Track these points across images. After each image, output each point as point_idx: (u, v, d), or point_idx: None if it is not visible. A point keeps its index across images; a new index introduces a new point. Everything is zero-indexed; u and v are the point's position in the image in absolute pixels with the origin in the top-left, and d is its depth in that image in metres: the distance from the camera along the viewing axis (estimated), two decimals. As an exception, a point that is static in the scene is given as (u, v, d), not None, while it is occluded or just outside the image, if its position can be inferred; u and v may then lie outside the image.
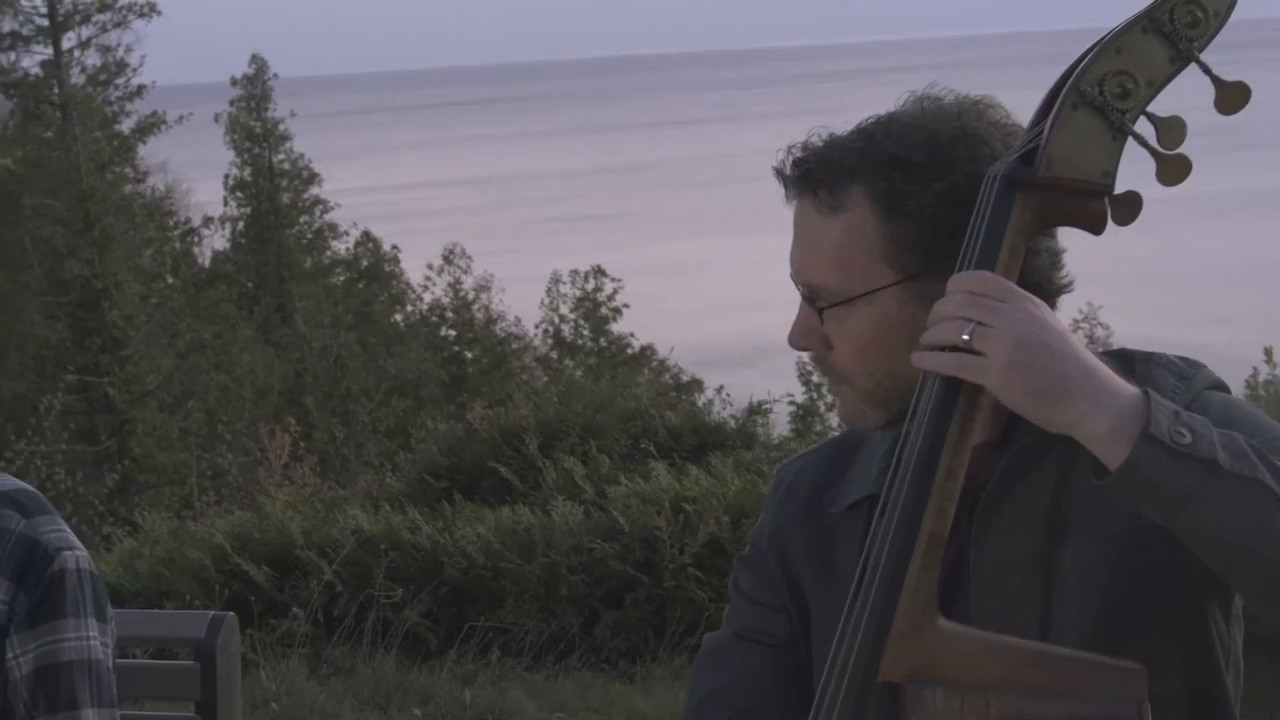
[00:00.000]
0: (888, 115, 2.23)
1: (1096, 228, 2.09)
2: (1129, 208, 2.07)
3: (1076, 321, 31.83)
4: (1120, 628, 2.13)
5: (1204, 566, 2.00)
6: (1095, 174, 2.04)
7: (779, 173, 2.24)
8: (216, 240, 42.93)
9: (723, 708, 2.40)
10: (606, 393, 12.01)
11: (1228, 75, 2.02)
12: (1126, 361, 2.19)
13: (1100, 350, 2.16)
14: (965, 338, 1.98)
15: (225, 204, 43.40)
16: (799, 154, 2.23)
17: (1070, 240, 2.24)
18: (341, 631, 9.03)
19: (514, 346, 41.04)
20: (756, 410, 12.56)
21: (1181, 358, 2.25)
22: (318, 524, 9.81)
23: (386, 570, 9.13)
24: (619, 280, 41.96)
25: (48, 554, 3.00)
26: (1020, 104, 2.23)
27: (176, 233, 40.94)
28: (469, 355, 41.12)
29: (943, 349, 2.02)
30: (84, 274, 32.94)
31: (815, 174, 2.21)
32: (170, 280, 36.88)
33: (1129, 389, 1.99)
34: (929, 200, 2.15)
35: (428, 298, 43.76)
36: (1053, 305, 2.13)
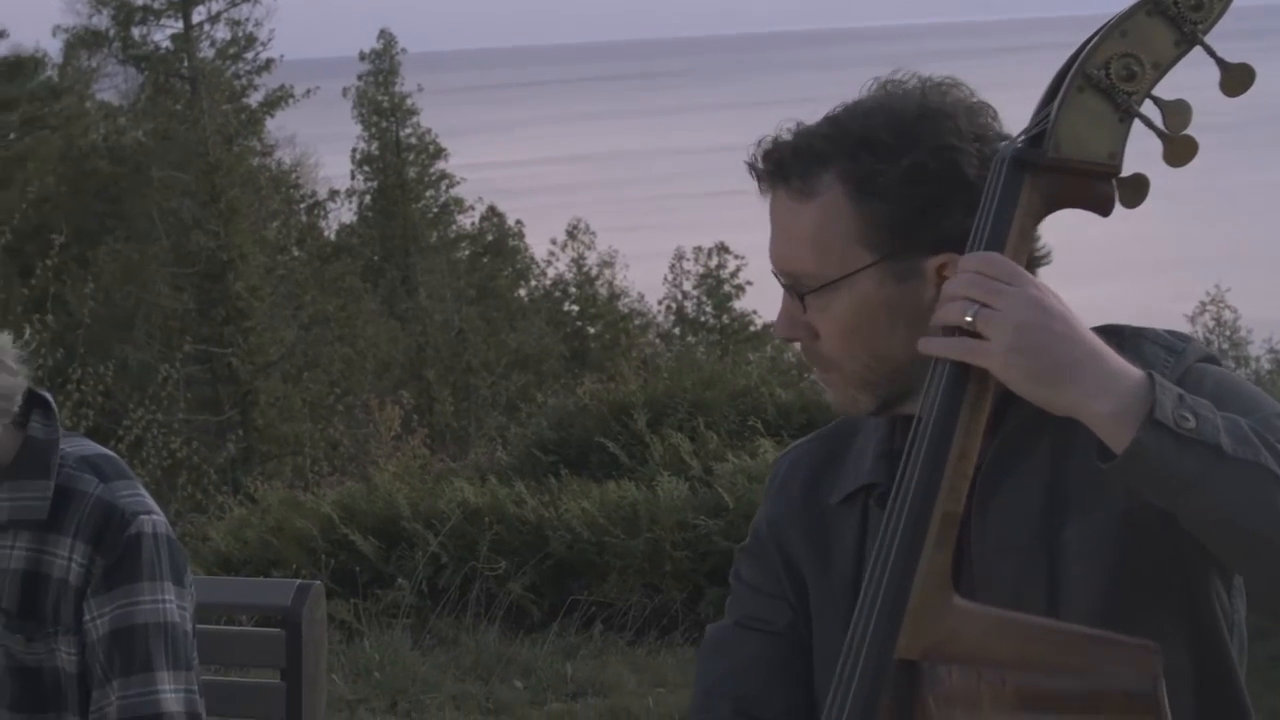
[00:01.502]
0: (853, 101, 2.25)
1: (1104, 209, 2.09)
2: (1136, 190, 2.08)
3: (1204, 304, 31.52)
4: (1127, 604, 2.12)
5: None
6: (1102, 155, 2.05)
7: (751, 167, 2.26)
8: (343, 214, 43.24)
9: (727, 696, 2.41)
10: (716, 370, 12.00)
11: (1233, 58, 2.03)
12: (1116, 336, 2.16)
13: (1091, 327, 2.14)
14: (969, 319, 1.98)
15: (352, 178, 43.63)
16: (769, 146, 2.25)
17: (1203, 222, 2.23)
18: (445, 603, 9.07)
19: (636, 322, 41.06)
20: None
21: (1170, 331, 2.25)
22: (424, 496, 9.87)
23: (491, 543, 9.16)
24: (742, 257, 41.89)
25: (124, 518, 3.03)
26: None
27: (302, 206, 41.23)
28: (591, 331, 41.20)
29: (951, 332, 2.02)
30: (210, 245, 33.28)
31: (786, 164, 2.22)
32: (296, 253, 37.15)
33: (1134, 372, 1.98)
34: (897, 177, 2.15)
35: (551, 273, 43.90)
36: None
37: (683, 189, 76.00)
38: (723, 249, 42.44)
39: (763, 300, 40.64)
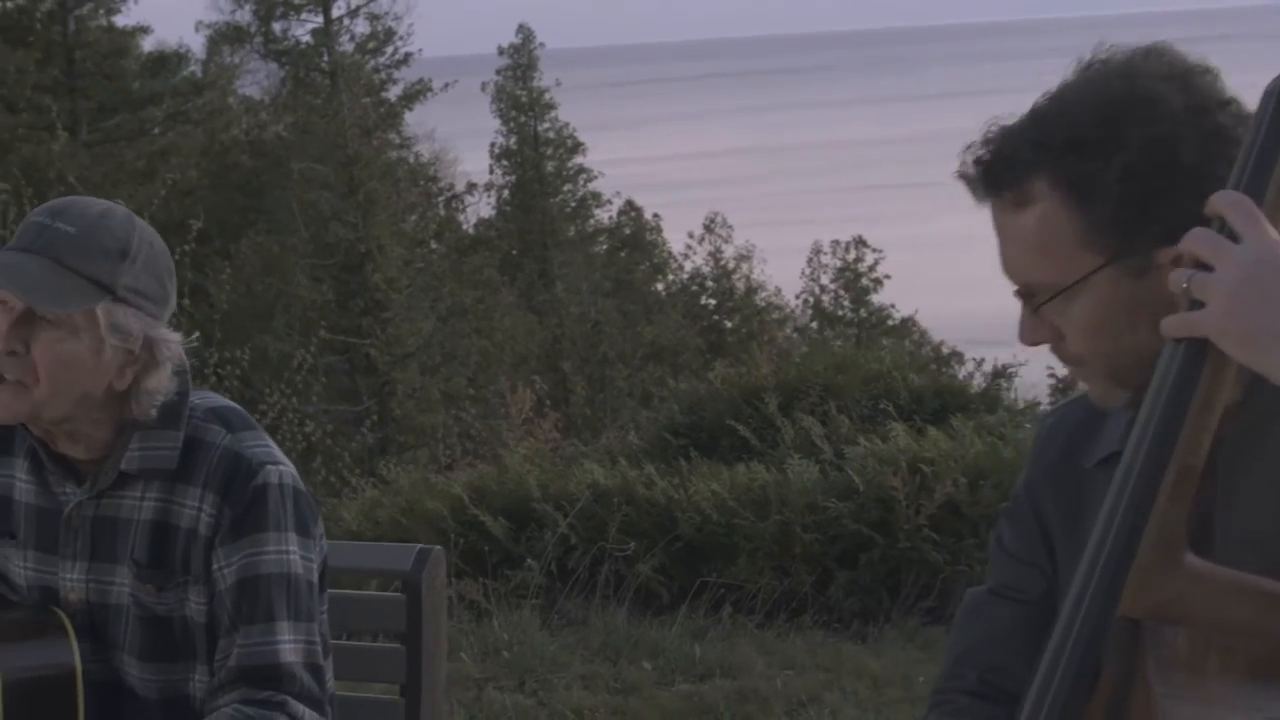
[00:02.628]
0: (1057, 91, 2.16)
1: None
2: None
3: None
4: None
5: None
6: None
7: (963, 176, 2.19)
8: (482, 208, 43.50)
9: (975, 665, 2.39)
10: (849, 355, 11.94)
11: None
12: None
13: None
14: (1184, 286, 1.88)
15: (491, 172, 43.92)
16: (978, 153, 2.17)
17: None
18: (574, 584, 9.08)
19: (774, 316, 41.01)
20: (1001, 374, 12.38)
21: None
22: (554, 477, 9.89)
23: (621, 524, 9.16)
24: (880, 251, 41.74)
25: (251, 468, 3.04)
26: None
27: (441, 199, 41.50)
28: (728, 325, 41.19)
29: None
30: (348, 237, 33.57)
31: (996, 173, 2.15)
32: (434, 246, 37.41)
33: None
34: (1111, 177, 2.08)
35: (688, 266, 43.95)
36: None
37: (820, 184, 75.87)
38: (860, 243, 42.33)
39: (900, 294, 40.48)
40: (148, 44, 39.68)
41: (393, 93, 39.75)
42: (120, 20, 39.00)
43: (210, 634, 3.07)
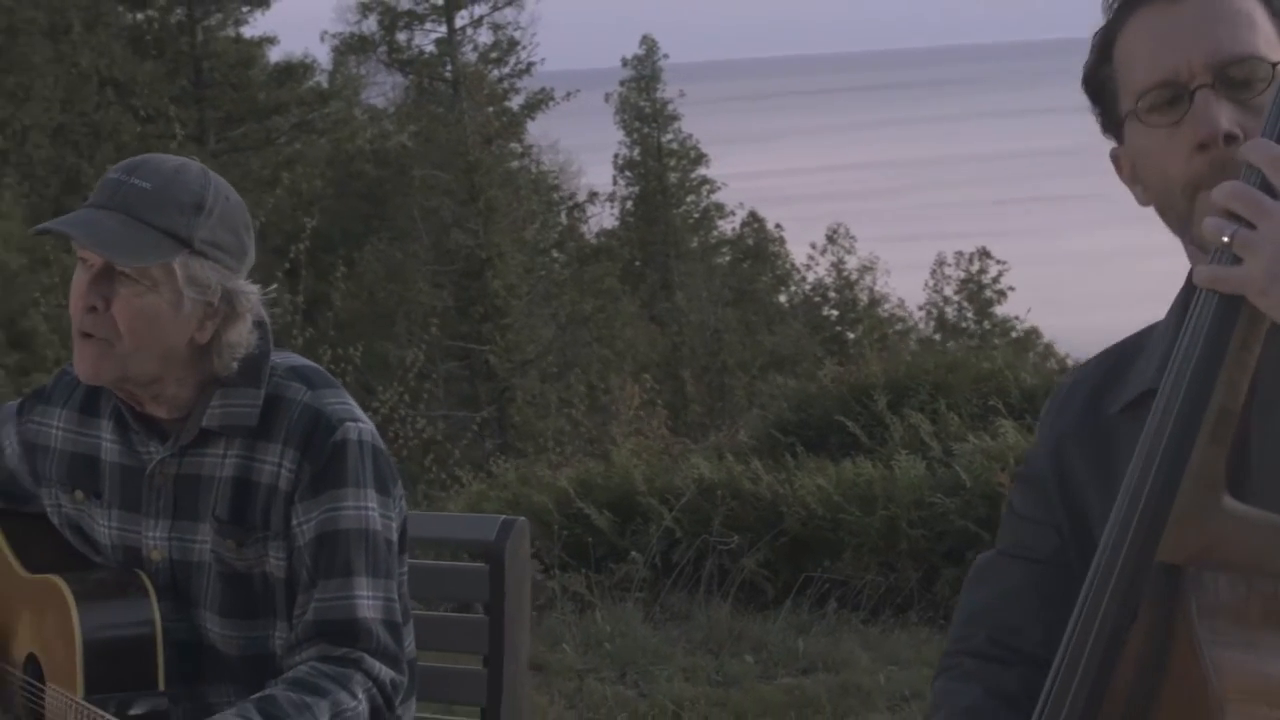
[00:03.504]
0: None
1: None
2: None
3: None
4: None
5: None
6: None
7: None
8: (605, 219, 43.61)
9: (984, 625, 2.34)
10: (960, 354, 11.85)
11: None
12: None
13: None
14: (1225, 240, 1.83)
15: (614, 183, 44.02)
16: None
17: None
18: (678, 577, 9.06)
19: (897, 328, 40.80)
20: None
21: None
22: (660, 471, 9.88)
23: (725, 518, 9.13)
24: (1004, 263, 41.43)
25: (330, 424, 3.04)
26: None
27: (563, 208, 41.64)
28: (850, 336, 41.03)
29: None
30: (469, 244, 33.77)
31: None
32: (556, 255, 37.55)
33: None
34: None
35: (810, 277, 43.81)
36: None
37: (943, 198, 75.37)
38: (984, 254, 42.04)
39: (1024, 305, 40.13)
40: (274, 54, 40.20)
41: (515, 102, 39.99)
42: (247, 31, 39.64)
43: (290, 590, 3.08)
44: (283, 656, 3.08)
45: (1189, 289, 2.09)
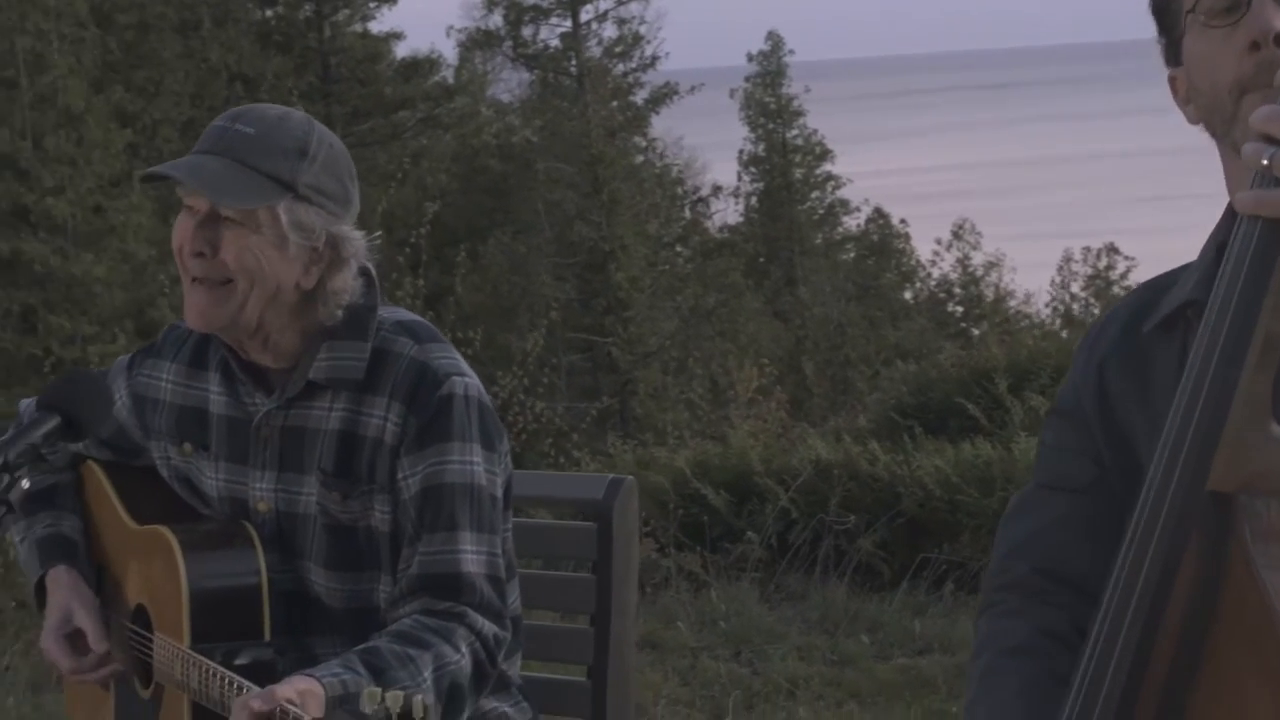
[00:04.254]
0: None
1: None
2: None
3: None
4: None
5: None
6: None
7: None
8: (729, 214, 43.53)
9: (1027, 558, 2.31)
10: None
11: None
12: None
13: None
14: (1265, 163, 1.81)
15: (739, 179, 43.94)
16: None
17: None
18: (794, 558, 9.02)
19: (1023, 324, 40.46)
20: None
21: None
22: (777, 453, 9.85)
23: (842, 499, 9.09)
24: (1132, 259, 41.01)
25: (437, 378, 3.04)
26: None
27: (687, 202, 41.63)
28: (975, 332, 40.72)
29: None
30: (592, 236, 33.85)
31: None
32: (679, 249, 37.57)
33: None
34: None
35: (935, 273, 43.55)
36: None
37: (1071, 196, 74.64)
38: (1112, 250, 41.61)
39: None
40: (401, 50, 40.44)
41: (639, 96, 40.03)
42: (374, 27, 39.88)
43: (394, 544, 3.08)
44: (387, 610, 3.08)
45: (1229, 217, 2.08)
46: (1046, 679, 2.20)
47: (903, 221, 45.05)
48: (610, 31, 39.56)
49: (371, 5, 39.40)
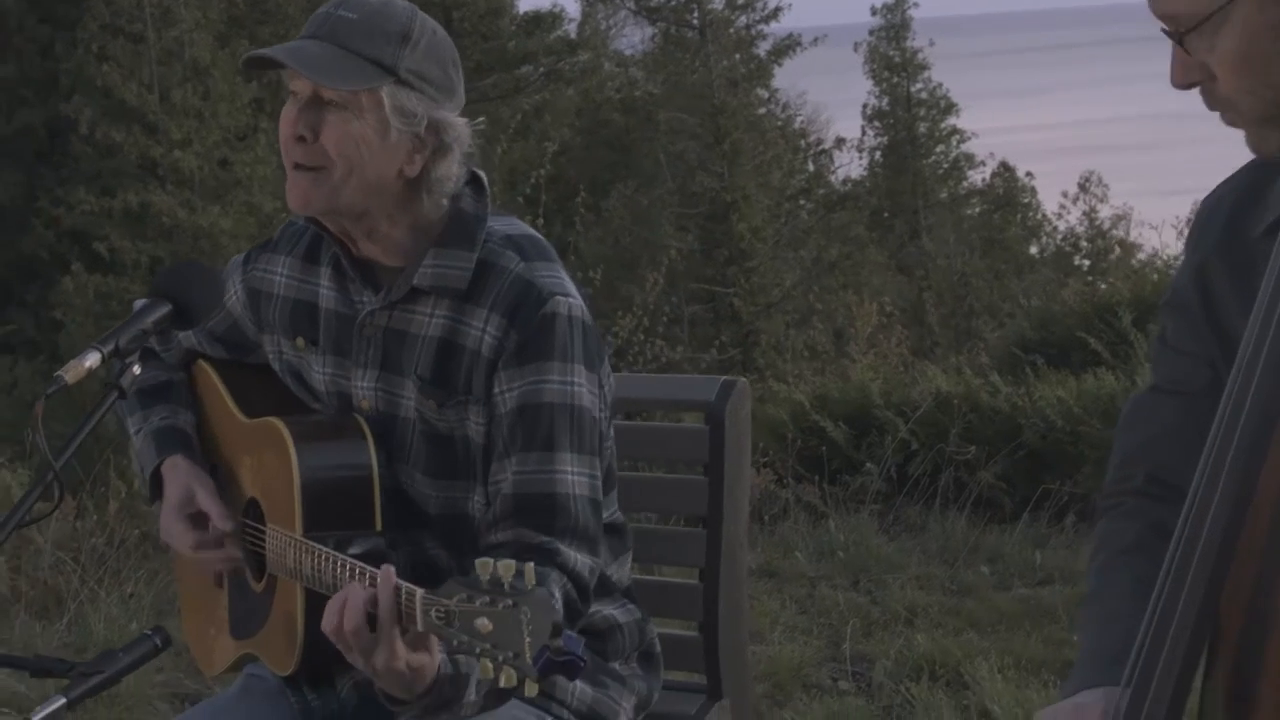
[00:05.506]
0: None
1: None
2: None
3: None
4: None
5: None
6: None
7: None
8: (853, 169, 43.33)
9: (1143, 464, 2.33)
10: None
11: None
12: None
13: None
14: None
15: (862, 134, 43.72)
16: None
17: None
18: (913, 490, 8.96)
19: (1152, 278, 39.97)
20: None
21: None
22: (897, 386, 9.78)
23: (963, 431, 9.00)
24: (1262, 213, 40.40)
25: (541, 296, 3.02)
26: None
27: (810, 154, 41.46)
28: (1102, 286, 40.28)
29: None
30: (714, 186, 33.80)
31: None
32: (802, 202, 37.46)
33: None
34: None
35: (1062, 227, 43.16)
36: None
37: (1201, 152, 73.66)
38: (1242, 203, 41.07)
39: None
40: (523, 4, 40.52)
41: (761, 49, 39.89)
42: (496, -20, 39.87)
43: (488, 457, 3.07)
44: (481, 531, 3.07)
45: None
46: (1158, 574, 2.19)
47: (1029, 174, 44.65)
48: (733, -18, 39.43)
49: (494, -41, 39.48)
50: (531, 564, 2.44)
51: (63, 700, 2.70)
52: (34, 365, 31.66)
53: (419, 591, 2.57)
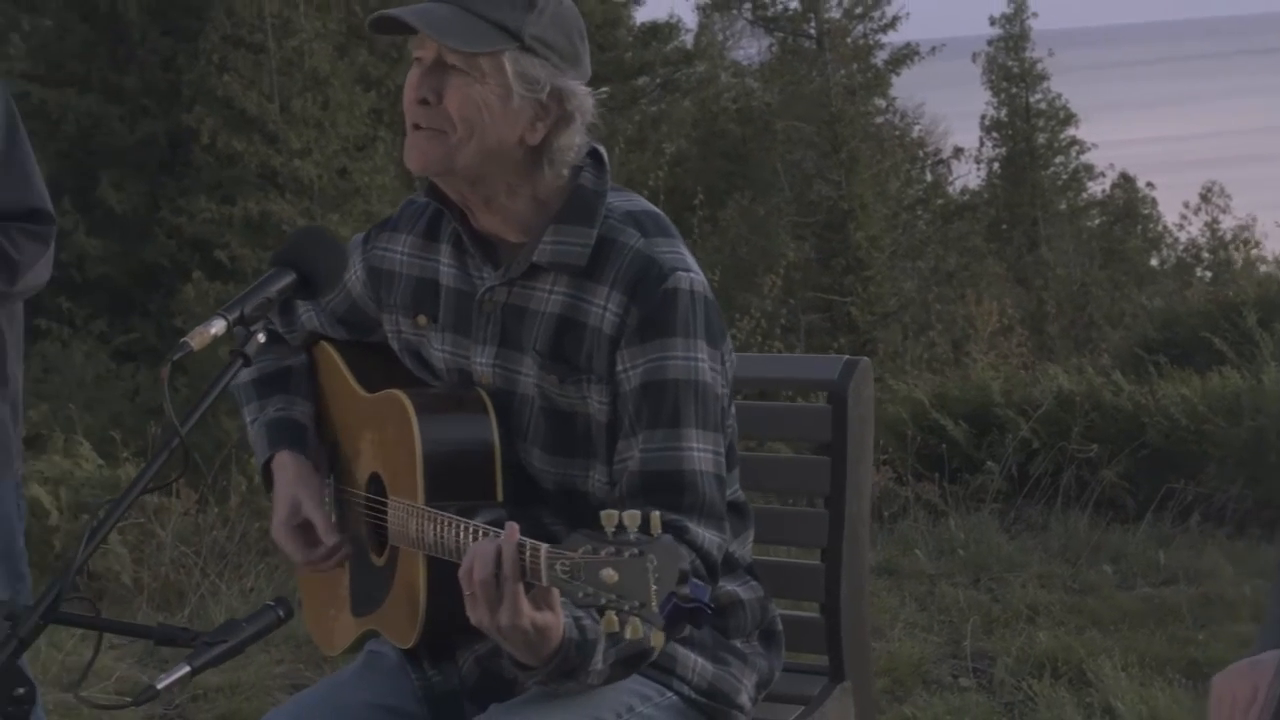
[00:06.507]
0: None
1: None
2: None
3: None
4: None
5: None
6: None
7: None
8: (970, 179, 43.07)
9: None
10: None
11: None
12: None
13: None
14: None
15: (980, 145, 43.45)
16: None
17: None
18: (1034, 488, 8.88)
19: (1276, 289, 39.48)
20: None
21: None
22: (1018, 384, 9.69)
23: (1085, 430, 8.90)
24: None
25: (662, 272, 3.00)
26: None
27: (927, 164, 41.28)
28: (1219, 298, 39.81)
29: None
30: (831, 195, 33.73)
31: None
32: (919, 212, 37.31)
33: None
34: None
35: (1183, 238, 42.71)
36: None
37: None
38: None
39: None
40: (640, 15, 40.64)
41: (879, 58, 39.78)
42: (615, -8, 40.02)
43: (611, 434, 3.05)
44: (602, 502, 3.04)
45: None
46: None
47: (1149, 185, 44.22)
48: (851, -8, 39.39)
49: (611, -30, 39.60)
50: (657, 512, 2.42)
51: (187, 668, 2.70)
52: (154, 373, 32.02)
53: (544, 546, 2.56)
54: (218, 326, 2.77)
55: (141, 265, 34.77)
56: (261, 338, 2.84)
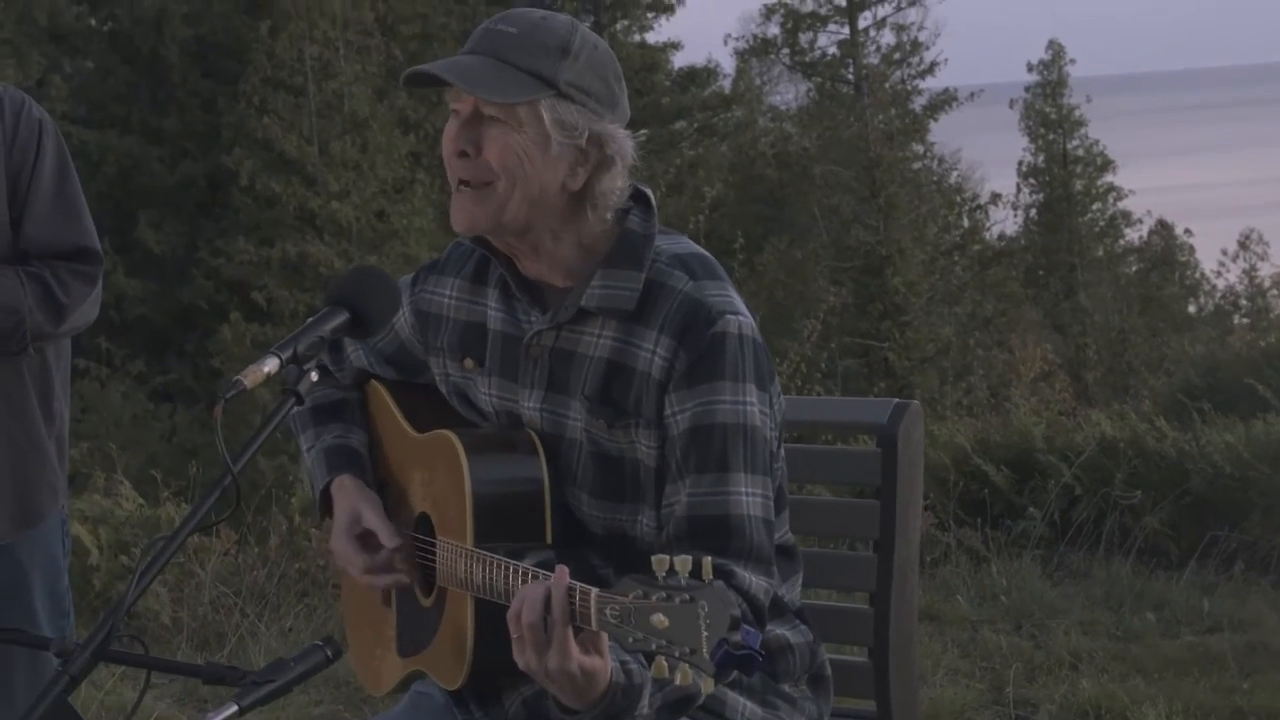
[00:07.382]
0: None
1: None
2: None
3: None
4: None
5: None
6: None
7: None
8: (1007, 225, 43.05)
9: None
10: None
11: None
12: None
13: None
14: None
15: (1017, 191, 43.45)
16: None
17: None
18: (1077, 535, 8.83)
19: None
20: None
21: None
22: (1061, 430, 9.64)
23: (1128, 477, 8.85)
24: None
25: (710, 315, 2.98)
26: None
27: (964, 210, 41.28)
28: (1262, 344, 39.67)
29: None
30: (869, 240, 33.72)
31: None
32: (956, 257, 37.27)
33: None
34: None
35: (1220, 285, 42.63)
36: None
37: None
38: None
39: None
40: (678, 60, 40.75)
41: (917, 104, 39.84)
42: (652, 37, 40.21)
43: (660, 479, 3.03)
44: (650, 547, 3.02)
45: None
46: None
47: (1187, 232, 44.15)
48: (888, 38, 39.48)
49: (650, 16, 39.77)
50: (709, 557, 2.40)
51: (235, 708, 2.69)
52: (192, 414, 32.15)
53: (594, 590, 2.54)
54: (271, 365, 2.77)
55: (179, 306, 34.94)
56: (314, 376, 2.83)
